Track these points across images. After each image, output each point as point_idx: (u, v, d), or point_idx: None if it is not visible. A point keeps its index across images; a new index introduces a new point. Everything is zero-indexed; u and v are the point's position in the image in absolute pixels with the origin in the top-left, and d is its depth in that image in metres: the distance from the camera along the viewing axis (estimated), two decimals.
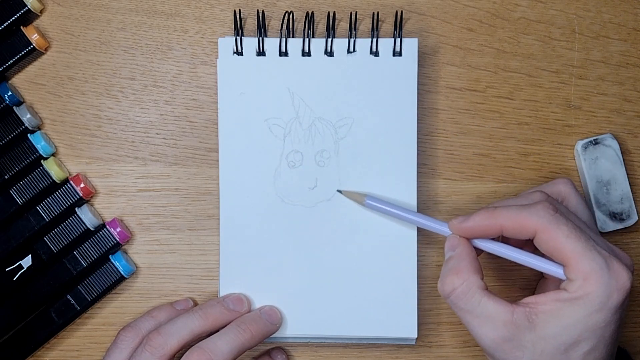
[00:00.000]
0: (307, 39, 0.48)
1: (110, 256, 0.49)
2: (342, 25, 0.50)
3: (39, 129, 0.50)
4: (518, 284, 0.51)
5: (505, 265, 0.48)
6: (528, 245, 0.43)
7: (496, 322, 0.41)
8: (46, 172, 0.48)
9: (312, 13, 0.49)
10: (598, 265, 0.39)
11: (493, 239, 0.44)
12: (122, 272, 0.49)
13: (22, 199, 0.48)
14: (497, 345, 0.41)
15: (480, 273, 0.42)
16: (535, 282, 0.48)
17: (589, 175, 0.50)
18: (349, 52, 0.48)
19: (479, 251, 0.44)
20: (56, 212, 0.48)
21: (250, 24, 0.50)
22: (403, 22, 0.50)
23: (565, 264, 0.40)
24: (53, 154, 0.50)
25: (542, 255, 0.42)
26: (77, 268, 0.48)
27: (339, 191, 0.48)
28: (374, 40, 0.48)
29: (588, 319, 0.39)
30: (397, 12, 0.49)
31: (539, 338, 0.40)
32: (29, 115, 0.48)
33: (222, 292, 0.48)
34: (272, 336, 0.47)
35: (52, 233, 0.48)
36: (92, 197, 0.50)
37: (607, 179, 0.50)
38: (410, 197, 0.48)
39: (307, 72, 0.48)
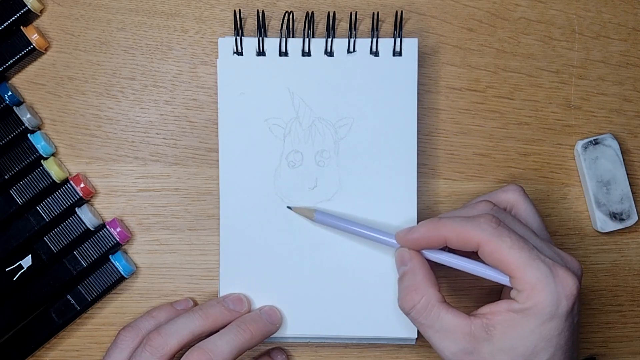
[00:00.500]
0: (307, 39, 0.48)
1: (110, 256, 0.49)
2: (342, 25, 0.50)
3: (39, 129, 0.50)
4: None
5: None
6: (476, 254, 0.43)
7: (456, 335, 0.41)
8: (46, 172, 0.48)
9: (312, 13, 0.49)
10: (543, 274, 0.40)
11: (442, 249, 0.44)
12: (122, 272, 0.49)
13: (22, 199, 0.48)
14: (458, 359, 0.41)
15: (436, 286, 0.43)
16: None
17: (589, 175, 0.50)
18: (349, 52, 0.48)
19: (432, 264, 0.44)
20: (56, 212, 0.48)
21: (250, 24, 0.50)
22: (403, 22, 0.50)
23: (511, 275, 0.41)
24: (53, 154, 0.50)
25: None
26: (77, 268, 0.48)
27: (289, 207, 0.48)
28: (374, 40, 0.48)
29: (541, 328, 0.40)
30: (397, 12, 0.49)
31: (498, 350, 0.40)
32: (29, 115, 0.48)
33: (222, 292, 0.48)
34: (272, 336, 0.47)
35: (52, 233, 0.48)
36: (92, 197, 0.50)
37: (607, 179, 0.50)
38: (410, 197, 0.48)
39: (307, 72, 0.48)
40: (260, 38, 0.48)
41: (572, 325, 0.40)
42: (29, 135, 0.48)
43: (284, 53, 0.48)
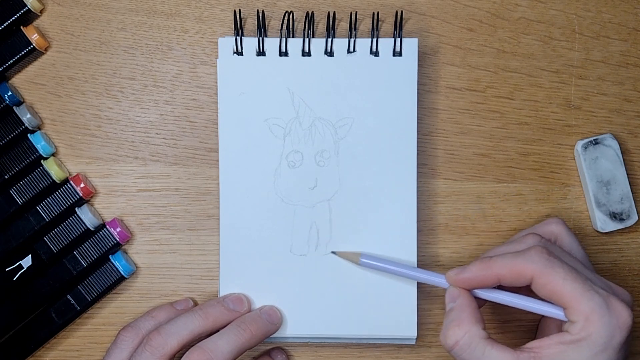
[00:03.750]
0: (307, 39, 0.48)
1: (110, 256, 0.49)
2: (342, 25, 0.50)
3: (39, 129, 0.50)
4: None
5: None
6: (524, 289, 0.43)
7: None
8: (46, 172, 0.48)
9: (312, 13, 0.49)
10: (598, 305, 0.39)
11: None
12: (122, 272, 0.49)
13: (22, 199, 0.48)
14: None
15: (481, 323, 0.42)
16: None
17: (589, 175, 0.50)
18: (349, 52, 0.48)
19: (482, 302, 0.44)
20: (56, 212, 0.48)
21: (250, 24, 0.50)
22: (403, 22, 0.50)
23: (565, 306, 0.40)
24: (53, 154, 0.50)
25: (541, 298, 0.42)
26: (77, 268, 0.48)
27: (334, 252, 0.48)
28: (374, 40, 0.48)
29: None
30: (397, 12, 0.49)
31: None
32: (29, 115, 0.48)
33: (222, 292, 0.48)
34: (272, 336, 0.47)
35: (52, 233, 0.48)
36: (92, 197, 0.50)
37: (607, 179, 0.50)
38: (410, 197, 0.48)
39: (307, 72, 0.48)
40: (260, 38, 0.48)
41: (622, 358, 0.40)
42: (29, 135, 0.48)
43: (284, 53, 0.48)
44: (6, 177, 0.48)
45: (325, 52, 0.48)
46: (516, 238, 0.45)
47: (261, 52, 0.48)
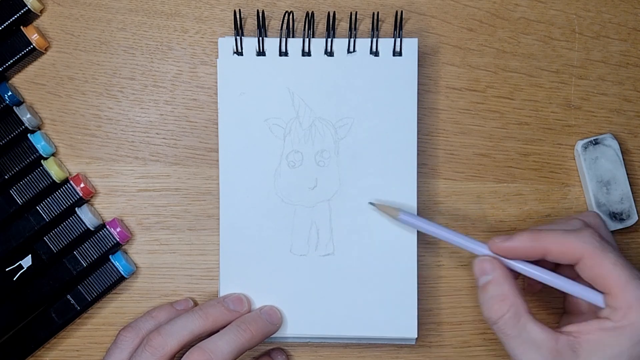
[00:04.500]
0: (307, 39, 0.48)
1: (110, 256, 0.49)
2: (342, 25, 0.50)
3: (39, 129, 0.50)
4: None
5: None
6: (559, 269, 0.43)
7: (541, 349, 0.40)
8: (46, 172, 0.48)
9: (312, 13, 0.49)
10: None
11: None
12: (122, 272, 0.49)
13: (22, 199, 0.48)
14: None
15: (523, 296, 0.42)
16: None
17: (589, 175, 0.50)
18: (349, 52, 0.48)
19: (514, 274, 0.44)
20: (56, 212, 0.48)
21: (250, 24, 0.50)
22: (403, 22, 0.50)
23: (609, 292, 0.40)
24: (53, 154, 0.50)
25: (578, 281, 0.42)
26: (77, 268, 0.48)
27: (371, 203, 0.47)
28: (374, 40, 0.48)
29: (633, 349, 0.39)
30: (397, 12, 0.49)
31: None
32: (29, 115, 0.48)
33: (222, 292, 0.48)
34: (272, 336, 0.47)
35: (52, 233, 0.48)
36: (92, 197, 0.50)
37: (607, 179, 0.50)
38: (410, 197, 0.48)
39: (307, 72, 0.48)
40: (260, 38, 0.48)
41: None
42: (29, 135, 0.48)
43: (284, 53, 0.48)
44: (6, 177, 0.48)
45: (325, 52, 0.48)
46: (560, 220, 0.45)
47: (261, 52, 0.48)
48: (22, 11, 0.48)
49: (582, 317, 0.44)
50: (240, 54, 0.48)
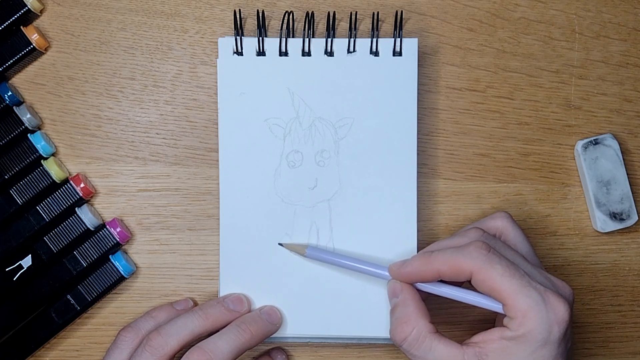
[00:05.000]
0: (307, 39, 0.48)
1: (110, 256, 0.49)
2: (342, 25, 0.50)
3: (39, 129, 0.50)
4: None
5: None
6: (467, 283, 0.43)
7: None
8: (46, 172, 0.48)
9: (312, 13, 0.49)
10: (534, 301, 0.40)
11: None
12: (122, 272, 0.49)
13: (22, 199, 0.48)
14: None
15: (428, 317, 0.43)
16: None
17: (589, 175, 0.50)
18: (349, 52, 0.48)
19: (425, 294, 0.44)
20: (56, 212, 0.48)
21: (250, 24, 0.50)
22: (403, 22, 0.50)
23: (503, 302, 0.41)
24: (53, 154, 0.50)
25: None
26: (77, 268, 0.48)
27: (280, 244, 0.48)
28: (374, 40, 0.48)
29: (534, 355, 0.40)
30: (397, 12, 0.49)
31: None
32: (29, 115, 0.48)
33: (222, 292, 0.48)
34: (272, 336, 0.47)
35: (52, 233, 0.48)
36: (92, 197, 0.50)
37: (607, 179, 0.50)
38: (410, 197, 0.48)
39: (307, 72, 0.48)
40: (260, 38, 0.48)
41: (565, 351, 0.40)
42: (29, 135, 0.48)
43: (284, 53, 0.48)
44: (6, 177, 0.48)
45: (325, 52, 0.48)
46: (460, 232, 0.45)
47: (261, 52, 0.48)
48: (22, 11, 0.48)
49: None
50: (240, 54, 0.48)
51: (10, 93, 0.48)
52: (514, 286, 0.40)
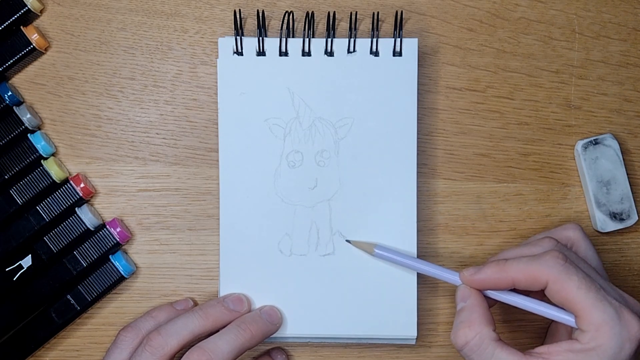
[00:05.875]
0: (307, 39, 0.48)
1: (110, 256, 0.49)
2: (342, 25, 0.50)
3: (39, 129, 0.50)
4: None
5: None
6: (537, 293, 0.43)
7: None
8: (46, 172, 0.48)
9: (312, 13, 0.49)
10: (609, 316, 0.39)
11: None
12: (122, 272, 0.49)
13: (22, 199, 0.48)
14: None
15: (492, 324, 0.42)
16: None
17: (589, 175, 0.50)
18: (349, 52, 0.48)
19: (492, 301, 0.44)
20: (56, 212, 0.48)
21: (250, 24, 0.50)
22: (403, 22, 0.50)
23: (577, 314, 0.40)
24: (53, 154, 0.50)
25: (553, 303, 0.42)
26: (77, 268, 0.48)
27: (348, 241, 0.48)
28: (374, 40, 0.48)
29: None
30: (397, 12, 0.49)
31: None
32: (29, 115, 0.48)
33: (222, 292, 0.48)
34: (272, 336, 0.47)
35: (52, 233, 0.48)
36: (92, 197, 0.50)
37: (607, 179, 0.50)
38: (410, 197, 0.48)
39: (307, 72, 0.48)
40: (260, 38, 0.48)
41: None
42: (29, 135, 0.48)
43: (284, 53, 0.48)
44: (6, 177, 0.48)
45: (325, 52, 0.48)
46: (532, 240, 0.45)
47: (261, 52, 0.48)
48: (22, 11, 0.48)
49: (557, 339, 0.45)
50: (240, 54, 0.48)
51: (10, 93, 0.48)
52: (589, 299, 0.40)
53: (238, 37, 0.48)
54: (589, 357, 0.39)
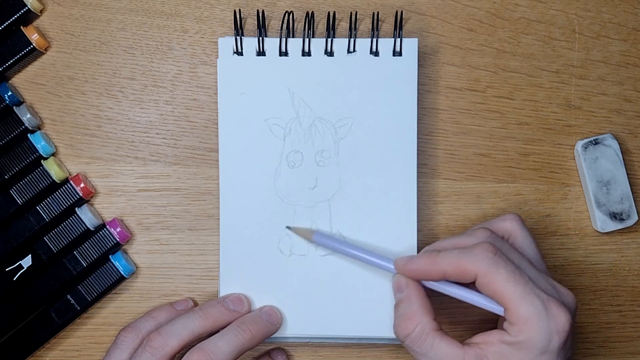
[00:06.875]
0: (307, 39, 0.48)
1: (110, 256, 0.49)
2: (342, 25, 0.50)
3: (39, 129, 0.50)
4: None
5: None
6: (472, 284, 0.43)
7: None
8: (46, 172, 0.48)
9: (312, 13, 0.49)
10: (536, 309, 0.40)
11: None
12: (122, 272, 0.49)
13: (22, 199, 0.48)
14: None
15: (432, 314, 0.43)
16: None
17: (589, 175, 0.50)
18: (349, 52, 0.48)
19: (429, 290, 0.44)
20: (56, 212, 0.48)
21: (250, 24, 0.50)
22: (403, 22, 0.50)
23: (505, 307, 0.41)
24: (53, 154, 0.50)
25: None
26: (77, 268, 0.48)
27: (288, 227, 0.48)
28: (374, 40, 0.48)
29: None
30: (397, 12, 0.49)
31: None
32: (29, 115, 0.48)
33: (222, 292, 0.48)
34: (272, 336, 0.47)
35: (52, 233, 0.48)
36: (92, 197, 0.50)
37: (607, 179, 0.50)
38: (410, 197, 0.48)
39: (307, 72, 0.48)
40: (260, 38, 0.48)
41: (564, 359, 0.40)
42: (29, 135, 0.48)
43: (284, 53, 0.48)
44: (6, 177, 0.48)
45: (325, 52, 0.48)
46: (469, 231, 0.45)
47: (261, 52, 0.48)
48: (22, 11, 0.48)
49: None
50: (240, 54, 0.48)
51: (10, 93, 0.48)
52: (517, 292, 0.40)
53: (238, 37, 0.48)
54: (518, 350, 0.40)
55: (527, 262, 0.42)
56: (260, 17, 0.48)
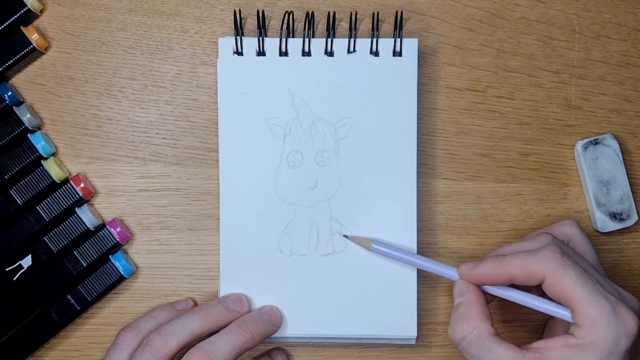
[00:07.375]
0: (307, 39, 0.48)
1: (110, 256, 0.49)
2: (342, 25, 0.50)
3: (39, 129, 0.50)
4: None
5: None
6: (535, 288, 0.43)
7: None
8: (46, 172, 0.48)
9: (312, 13, 0.49)
10: (605, 311, 0.39)
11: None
12: (122, 272, 0.49)
13: (22, 199, 0.48)
14: None
15: (489, 319, 0.42)
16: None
17: (589, 175, 0.50)
18: (349, 52, 0.48)
19: (490, 297, 0.44)
20: (56, 212, 0.48)
21: (250, 24, 0.50)
22: (403, 22, 0.50)
23: (573, 309, 0.40)
24: (53, 154, 0.50)
25: (550, 298, 0.42)
26: (77, 268, 0.48)
27: (345, 236, 0.48)
28: (374, 40, 0.48)
29: None
30: (397, 12, 0.49)
31: None
32: (29, 115, 0.48)
33: (222, 292, 0.48)
34: (272, 336, 0.47)
35: (52, 233, 0.48)
36: (92, 197, 0.50)
37: (607, 179, 0.50)
38: (410, 197, 0.48)
39: (307, 72, 0.48)
40: (260, 38, 0.48)
41: None
42: (29, 135, 0.48)
43: (284, 53, 0.48)
44: (6, 177, 0.48)
45: (325, 52, 0.48)
46: (530, 236, 0.45)
47: (261, 52, 0.48)
48: (22, 11, 0.48)
49: (554, 334, 0.45)
50: (240, 54, 0.48)
51: (10, 93, 0.48)
52: (586, 294, 0.40)
53: (238, 37, 0.48)
54: (585, 352, 0.39)
55: (591, 267, 0.42)
56: (260, 17, 0.48)
